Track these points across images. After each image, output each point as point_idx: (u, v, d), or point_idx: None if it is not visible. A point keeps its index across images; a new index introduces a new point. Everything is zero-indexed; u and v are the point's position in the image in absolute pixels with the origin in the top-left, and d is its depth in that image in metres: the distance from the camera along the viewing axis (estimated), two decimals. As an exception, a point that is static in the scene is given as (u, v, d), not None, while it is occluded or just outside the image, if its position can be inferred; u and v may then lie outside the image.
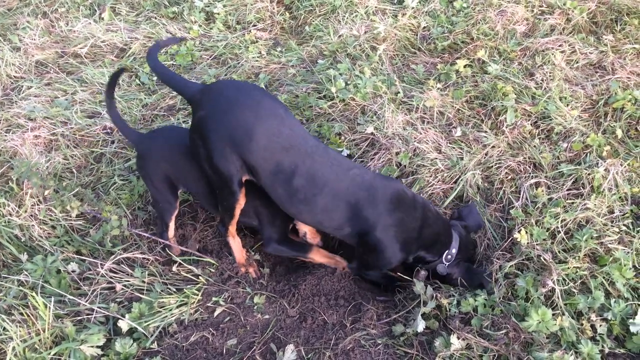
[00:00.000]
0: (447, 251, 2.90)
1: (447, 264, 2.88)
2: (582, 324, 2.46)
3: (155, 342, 2.53)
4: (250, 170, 2.64)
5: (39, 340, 2.46)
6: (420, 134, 3.51)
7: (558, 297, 2.53)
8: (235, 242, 3.05)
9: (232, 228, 2.98)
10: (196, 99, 2.70)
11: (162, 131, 3.19)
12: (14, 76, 4.35)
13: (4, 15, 5.07)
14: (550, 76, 3.76)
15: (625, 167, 3.13)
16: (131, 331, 2.56)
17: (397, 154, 3.41)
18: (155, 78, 4.31)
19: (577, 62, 3.94)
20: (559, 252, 2.77)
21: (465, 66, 3.97)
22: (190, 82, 2.91)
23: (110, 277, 2.82)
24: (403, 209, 2.78)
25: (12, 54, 4.43)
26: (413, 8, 4.62)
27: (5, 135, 3.69)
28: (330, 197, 2.69)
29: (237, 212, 2.83)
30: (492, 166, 3.32)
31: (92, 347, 2.43)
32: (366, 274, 3.06)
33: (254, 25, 4.85)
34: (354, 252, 3.00)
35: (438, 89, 3.82)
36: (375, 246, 2.80)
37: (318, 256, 3.11)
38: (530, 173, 3.25)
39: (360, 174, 2.74)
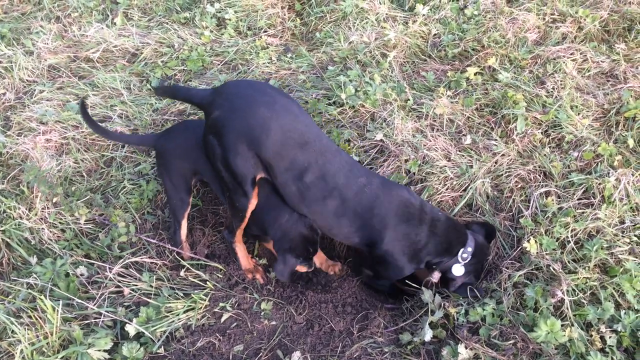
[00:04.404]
0: (462, 249, 2.86)
1: (463, 262, 2.84)
2: (591, 335, 2.44)
3: (162, 347, 2.54)
4: (266, 168, 2.66)
5: (47, 343, 2.47)
6: (430, 141, 3.50)
7: (567, 308, 2.51)
8: (241, 248, 3.06)
9: (240, 233, 2.98)
10: (208, 101, 2.73)
11: (177, 126, 3.28)
12: (27, 80, 4.38)
13: (18, 20, 5.12)
14: (561, 84, 3.74)
15: (636, 177, 3.10)
16: (138, 335, 2.57)
17: (406, 161, 3.40)
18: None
19: (588, 71, 3.91)
20: (568, 262, 2.75)
21: (475, 74, 3.95)
22: (196, 88, 2.95)
23: (119, 281, 2.84)
24: (408, 221, 2.77)
25: (25, 58, 4.47)
26: (424, 15, 4.62)
27: (17, 139, 3.72)
28: (340, 202, 2.69)
29: (248, 214, 2.83)
30: (501, 174, 3.30)
31: (99, 351, 2.44)
32: (376, 284, 3.06)
33: (265, 31, 4.86)
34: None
35: (448, 96, 3.81)
36: (384, 258, 2.80)
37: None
38: (540, 182, 3.23)
39: (368, 182, 2.74)
